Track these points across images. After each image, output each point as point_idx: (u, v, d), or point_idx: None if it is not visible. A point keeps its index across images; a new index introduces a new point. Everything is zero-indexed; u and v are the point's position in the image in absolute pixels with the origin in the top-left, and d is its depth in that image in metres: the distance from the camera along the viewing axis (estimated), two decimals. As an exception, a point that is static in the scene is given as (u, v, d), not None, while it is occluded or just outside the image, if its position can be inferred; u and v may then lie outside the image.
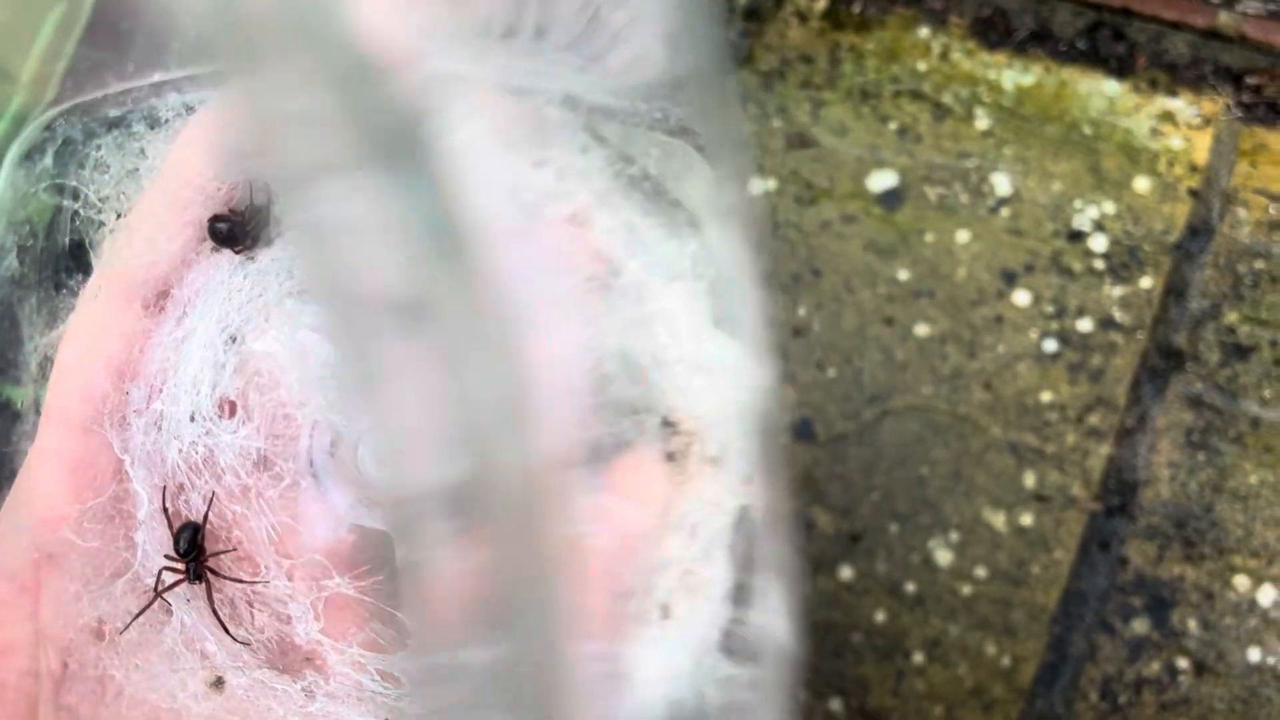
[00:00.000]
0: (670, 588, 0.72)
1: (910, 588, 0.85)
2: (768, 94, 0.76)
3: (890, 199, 0.75)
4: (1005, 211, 0.73)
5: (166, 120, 0.67)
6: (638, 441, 0.71)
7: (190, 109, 0.67)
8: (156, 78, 0.62)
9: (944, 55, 0.73)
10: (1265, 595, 0.88)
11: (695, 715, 0.70)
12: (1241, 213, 0.82)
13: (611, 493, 0.71)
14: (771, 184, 0.74)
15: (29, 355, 0.67)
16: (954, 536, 0.80)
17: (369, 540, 0.71)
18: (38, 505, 0.69)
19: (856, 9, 0.72)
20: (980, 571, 0.83)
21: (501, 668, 0.69)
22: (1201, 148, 0.78)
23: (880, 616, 0.85)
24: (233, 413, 0.69)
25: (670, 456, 0.71)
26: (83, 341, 0.70)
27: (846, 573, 0.84)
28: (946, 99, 0.74)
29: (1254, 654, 0.88)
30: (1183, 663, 0.87)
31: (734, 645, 0.69)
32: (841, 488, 0.81)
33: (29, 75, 0.63)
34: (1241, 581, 0.87)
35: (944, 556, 0.81)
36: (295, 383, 0.68)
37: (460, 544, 0.69)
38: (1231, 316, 0.79)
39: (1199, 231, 0.77)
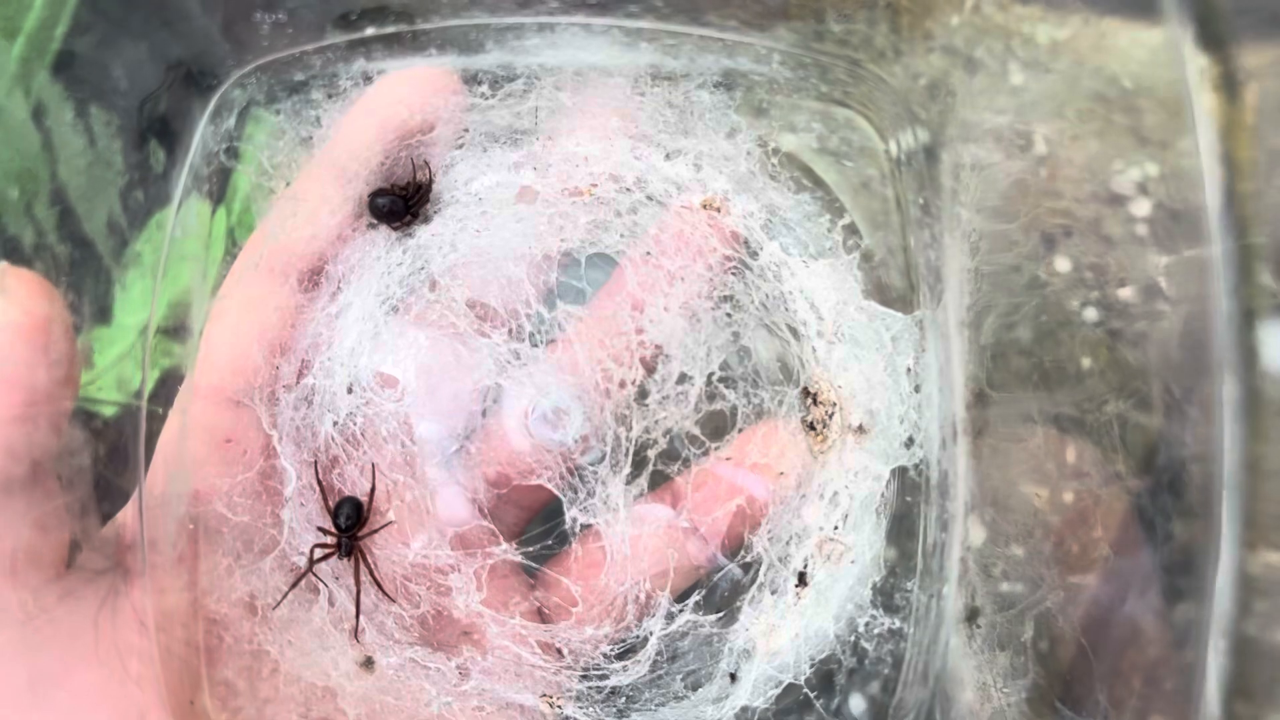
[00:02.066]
0: (808, 555, 0.73)
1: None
2: (805, 53, 0.77)
3: (913, 152, 0.77)
4: (1041, 172, 0.73)
5: (344, 90, 0.68)
6: (776, 412, 0.73)
7: (368, 78, 0.67)
8: (370, 31, 0.62)
9: (977, 9, 0.73)
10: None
11: (850, 669, 0.70)
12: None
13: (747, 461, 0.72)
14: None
15: (195, 319, 0.65)
16: (989, 514, 0.80)
17: (527, 512, 0.70)
18: (191, 477, 0.66)
19: None
20: (1017, 550, 0.83)
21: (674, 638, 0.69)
22: (1251, 104, 0.79)
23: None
24: (395, 383, 0.69)
25: (810, 426, 0.73)
26: (236, 314, 0.69)
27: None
28: (979, 54, 0.74)
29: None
30: (1224, 644, 0.88)
31: (891, 600, 0.70)
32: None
33: None
34: (1296, 562, 0.89)
35: (977, 534, 0.82)
36: (463, 351, 0.68)
37: (637, 505, 0.69)
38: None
39: (1247, 193, 0.78)
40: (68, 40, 0.51)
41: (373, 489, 0.69)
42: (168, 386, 0.69)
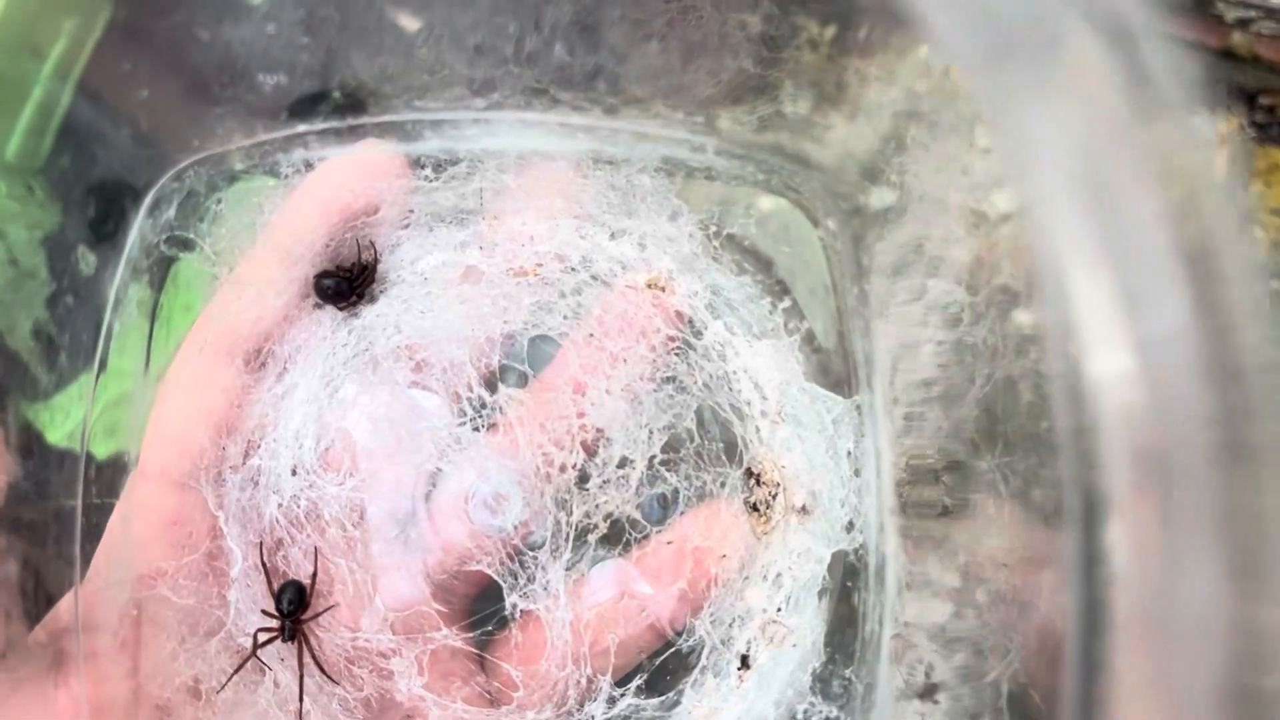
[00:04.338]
0: (751, 638, 0.73)
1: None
2: (780, 120, 0.78)
3: (890, 217, 0.77)
4: (1006, 229, 0.74)
5: (286, 176, 0.69)
6: (718, 493, 0.74)
7: (310, 165, 0.68)
8: (302, 128, 0.63)
9: (945, 74, 0.75)
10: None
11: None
12: (1256, 234, 0.83)
13: (690, 544, 0.72)
14: (782, 204, 0.77)
15: (136, 405, 0.67)
16: (961, 558, 0.79)
17: (475, 589, 0.71)
18: (135, 561, 0.68)
19: (862, 34, 0.74)
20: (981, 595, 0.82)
21: None
22: (1216, 168, 0.80)
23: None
24: (338, 466, 0.70)
25: (753, 507, 0.74)
26: (183, 396, 0.70)
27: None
28: (947, 117, 0.75)
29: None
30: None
31: (829, 687, 0.71)
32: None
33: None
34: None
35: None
36: (404, 435, 0.69)
37: (577, 588, 0.70)
38: (1243, 339, 0.82)
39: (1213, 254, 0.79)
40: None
41: (314, 572, 0.70)
42: (111, 470, 0.70)
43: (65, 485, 0.63)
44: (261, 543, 0.71)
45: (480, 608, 0.72)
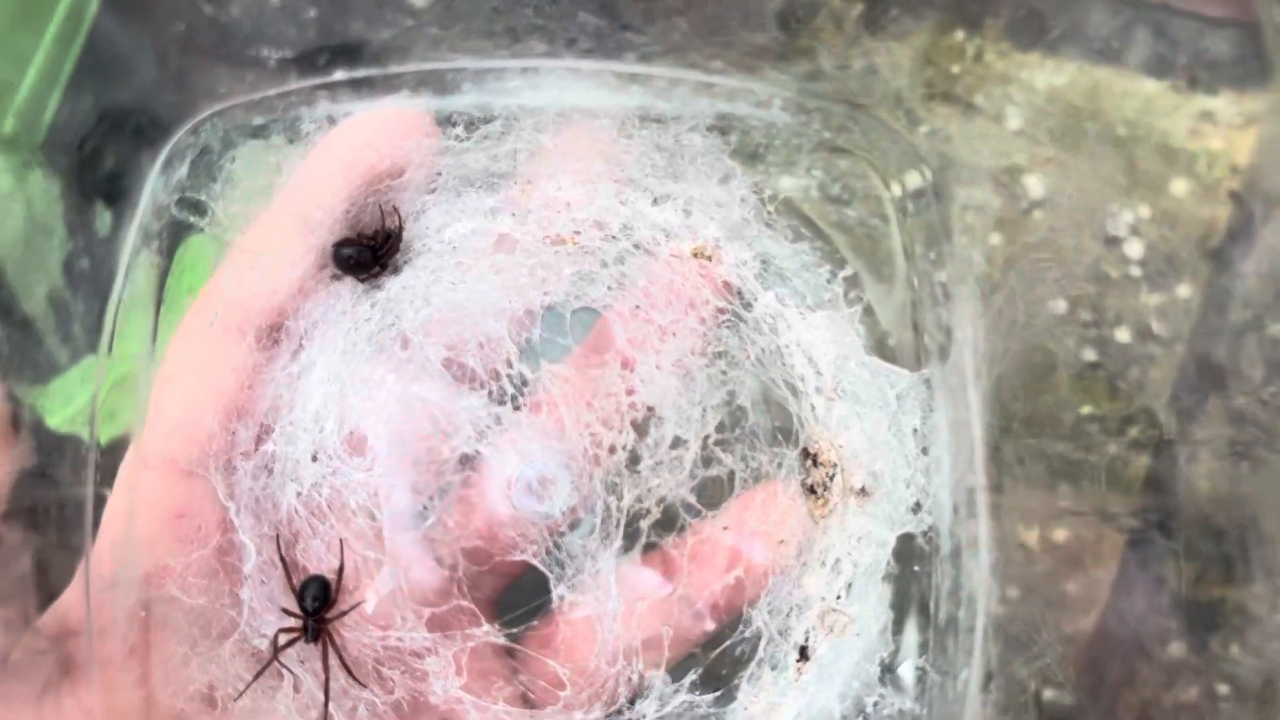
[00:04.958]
0: (810, 628, 0.69)
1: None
2: (806, 99, 0.75)
3: (921, 200, 0.75)
4: (1038, 215, 0.72)
5: (307, 134, 0.64)
6: (774, 475, 0.69)
7: (333, 121, 0.63)
8: (339, 74, 0.57)
9: (977, 57, 0.73)
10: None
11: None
12: (1286, 217, 0.82)
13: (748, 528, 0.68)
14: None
15: (141, 384, 0.60)
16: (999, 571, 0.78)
17: (505, 579, 0.66)
18: (141, 558, 0.61)
19: (893, 14, 0.72)
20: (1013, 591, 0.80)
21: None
22: (1243, 149, 0.79)
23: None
24: (364, 450, 0.64)
25: (810, 490, 0.70)
26: (189, 376, 0.64)
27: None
28: (978, 100, 0.73)
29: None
30: (1223, 689, 0.86)
31: (901, 679, 0.67)
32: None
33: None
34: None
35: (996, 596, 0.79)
36: (439, 416, 0.63)
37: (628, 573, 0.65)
38: (1275, 328, 0.81)
39: (1240, 237, 0.78)
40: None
41: (340, 567, 0.64)
42: (114, 458, 0.63)
43: (70, 473, 0.57)
44: (278, 535, 0.65)
45: (517, 599, 0.67)
